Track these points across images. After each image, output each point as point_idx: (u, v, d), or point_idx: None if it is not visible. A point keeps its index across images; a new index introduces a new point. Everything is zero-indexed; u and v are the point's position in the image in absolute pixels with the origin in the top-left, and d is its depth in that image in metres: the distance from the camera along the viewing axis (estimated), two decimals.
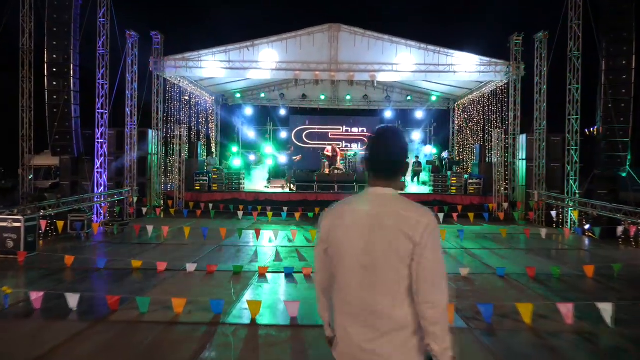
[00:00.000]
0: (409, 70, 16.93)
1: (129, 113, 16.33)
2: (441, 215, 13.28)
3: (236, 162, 21.27)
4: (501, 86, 18.04)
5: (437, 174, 18.03)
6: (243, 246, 10.54)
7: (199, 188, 17.41)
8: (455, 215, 13.29)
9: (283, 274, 7.92)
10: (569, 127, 15.19)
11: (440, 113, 24.37)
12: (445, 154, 20.68)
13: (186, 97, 20.16)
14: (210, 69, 17.15)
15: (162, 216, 15.41)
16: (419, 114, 23.69)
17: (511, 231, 12.87)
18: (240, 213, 13.45)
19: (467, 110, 21.99)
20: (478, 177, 17.12)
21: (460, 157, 22.47)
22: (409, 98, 23.47)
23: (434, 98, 23.44)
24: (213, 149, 23.36)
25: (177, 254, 9.59)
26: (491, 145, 19.25)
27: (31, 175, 22.41)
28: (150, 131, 17.06)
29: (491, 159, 18.72)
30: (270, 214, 13.46)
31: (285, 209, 14.49)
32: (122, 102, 16.45)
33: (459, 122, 23.21)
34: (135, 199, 15.91)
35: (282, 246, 10.57)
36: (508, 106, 17.00)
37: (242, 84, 22.20)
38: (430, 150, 22.37)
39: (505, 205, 15.48)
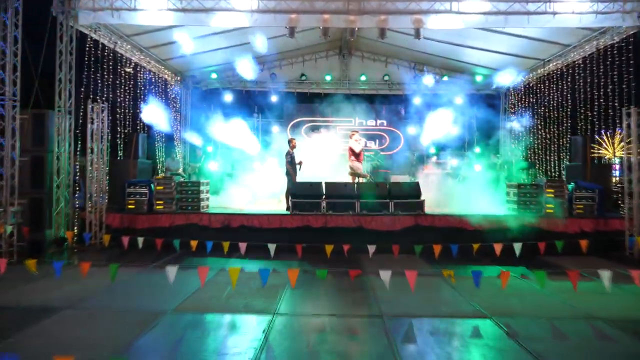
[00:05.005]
0: (478, 11, 9.58)
1: (6, 81, 8.86)
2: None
3: (212, 166, 14.38)
4: (612, 44, 10.71)
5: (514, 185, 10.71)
6: None
7: (133, 207, 9.90)
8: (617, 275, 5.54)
9: None
10: None
11: (485, 99, 16.92)
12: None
13: (129, 70, 12.66)
14: (151, 12, 9.74)
15: (41, 268, 7.54)
16: (458, 100, 16.32)
17: None
18: (182, 269, 5.69)
19: (533, 92, 14.62)
20: (591, 188, 9.71)
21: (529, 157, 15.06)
22: (445, 78, 16.15)
23: (479, 78, 16.06)
24: (178, 149, 15.86)
25: None
26: (593, 138, 11.91)
27: None
28: (53, 115, 9.64)
29: (601, 159, 11.40)
30: (236, 270, 5.81)
31: (272, 249, 7.02)
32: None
33: (515, 110, 15.85)
34: (9, 229, 8.39)
35: None
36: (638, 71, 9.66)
37: (219, 58, 14.72)
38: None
39: None
